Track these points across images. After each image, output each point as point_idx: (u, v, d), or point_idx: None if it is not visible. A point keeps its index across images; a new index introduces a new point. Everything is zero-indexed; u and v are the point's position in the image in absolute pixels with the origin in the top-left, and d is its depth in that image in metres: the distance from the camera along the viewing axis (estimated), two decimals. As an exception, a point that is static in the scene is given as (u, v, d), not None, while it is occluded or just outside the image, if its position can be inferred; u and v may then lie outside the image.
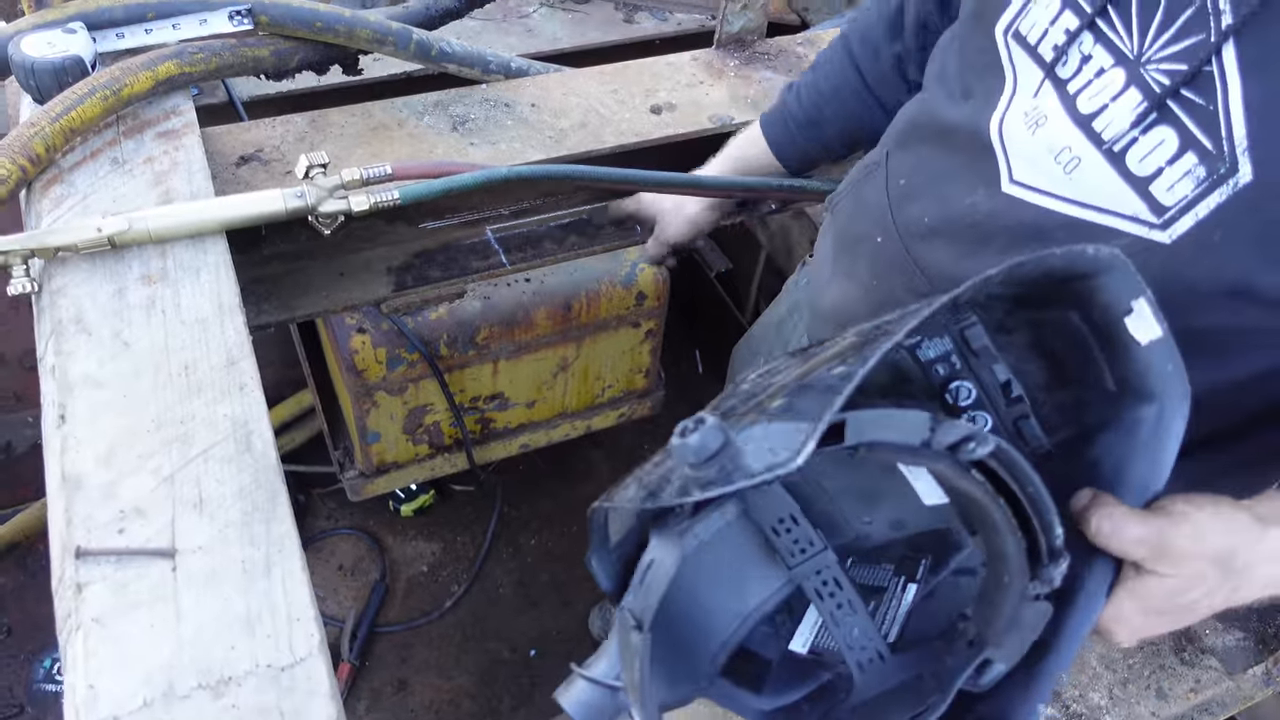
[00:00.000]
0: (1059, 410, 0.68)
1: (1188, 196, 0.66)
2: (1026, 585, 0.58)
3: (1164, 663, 0.86)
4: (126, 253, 0.90)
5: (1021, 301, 0.67)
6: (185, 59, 1.05)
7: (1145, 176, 0.68)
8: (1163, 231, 0.68)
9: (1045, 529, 0.57)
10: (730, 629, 0.70)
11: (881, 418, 0.55)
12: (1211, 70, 0.63)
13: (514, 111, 1.33)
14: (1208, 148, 0.64)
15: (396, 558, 2.25)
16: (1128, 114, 0.68)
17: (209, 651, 0.67)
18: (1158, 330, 0.61)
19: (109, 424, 0.78)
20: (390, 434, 1.82)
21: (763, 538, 0.69)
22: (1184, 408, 0.61)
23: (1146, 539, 0.60)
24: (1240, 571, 0.62)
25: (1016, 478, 0.56)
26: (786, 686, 0.69)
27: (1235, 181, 0.63)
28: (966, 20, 0.84)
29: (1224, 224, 0.65)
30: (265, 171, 1.19)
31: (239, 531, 0.74)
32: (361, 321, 1.65)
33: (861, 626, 0.68)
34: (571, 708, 0.62)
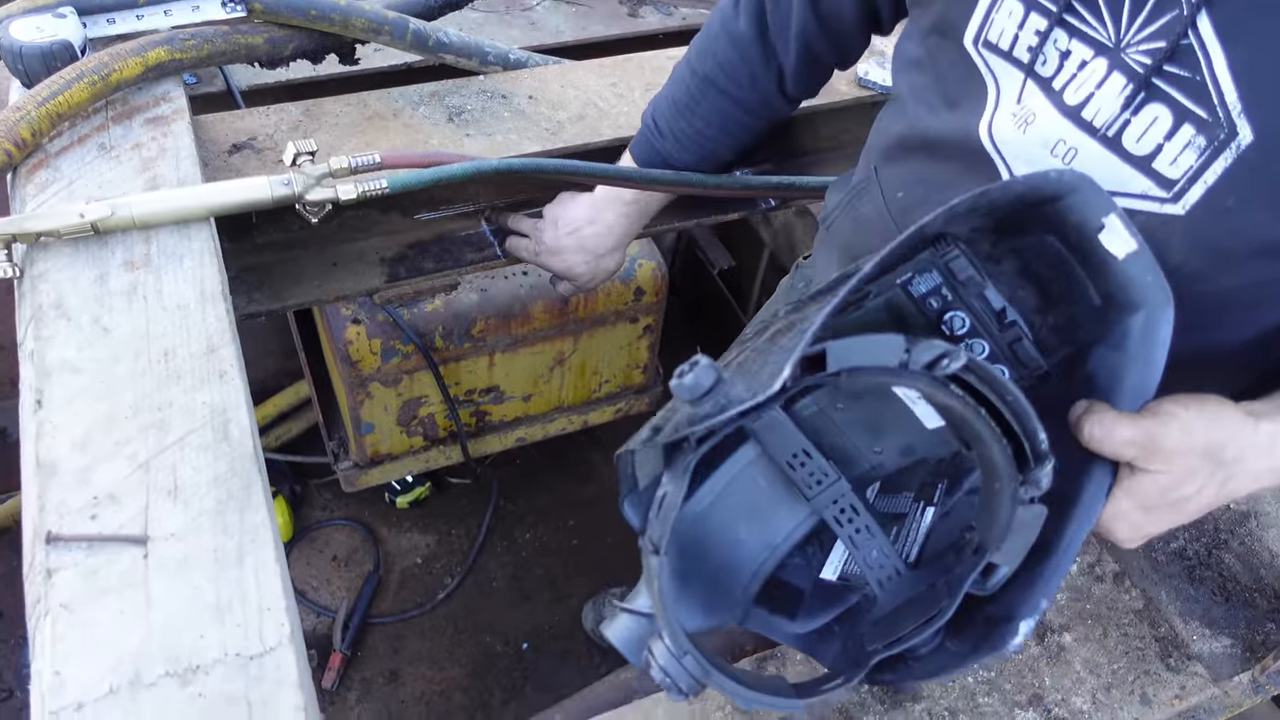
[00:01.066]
0: (1054, 331, 0.71)
1: (1193, 166, 0.66)
2: (1017, 489, 0.61)
3: (1149, 668, 0.86)
4: (110, 238, 0.90)
5: (1002, 231, 0.70)
6: (176, 45, 1.04)
7: (1146, 155, 0.68)
8: (1175, 204, 0.68)
9: (1028, 435, 0.59)
10: (760, 560, 0.74)
11: (858, 344, 0.59)
12: (1190, 42, 0.64)
13: (511, 103, 1.32)
14: (1203, 117, 0.64)
15: (391, 549, 2.24)
16: (1115, 98, 0.68)
17: (178, 639, 0.67)
18: (1132, 243, 0.64)
19: (86, 410, 0.78)
20: (384, 425, 1.82)
21: (784, 476, 0.73)
22: (1168, 313, 0.64)
23: (1136, 439, 0.62)
24: (1231, 463, 0.64)
25: (995, 389, 0.59)
26: (819, 611, 0.73)
27: (1238, 144, 0.63)
28: (925, 37, 0.84)
29: (1235, 187, 0.65)
30: (258, 160, 1.18)
31: (213, 520, 0.73)
32: (356, 312, 1.65)
33: (880, 548, 0.72)
34: (616, 639, 0.67)
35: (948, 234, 0.71)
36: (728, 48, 1.10)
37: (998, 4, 0.74)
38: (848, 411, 0.74)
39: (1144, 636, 0.88)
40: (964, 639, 0.64)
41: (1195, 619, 0.90)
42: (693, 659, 0.62)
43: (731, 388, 0.58)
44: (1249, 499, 0.99)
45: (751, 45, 1.07)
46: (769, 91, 1.11)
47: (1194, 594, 0.92)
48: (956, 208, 0.63)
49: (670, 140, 1.18)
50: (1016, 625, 0.61)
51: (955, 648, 0.65)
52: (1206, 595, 0.92)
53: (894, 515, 0.74)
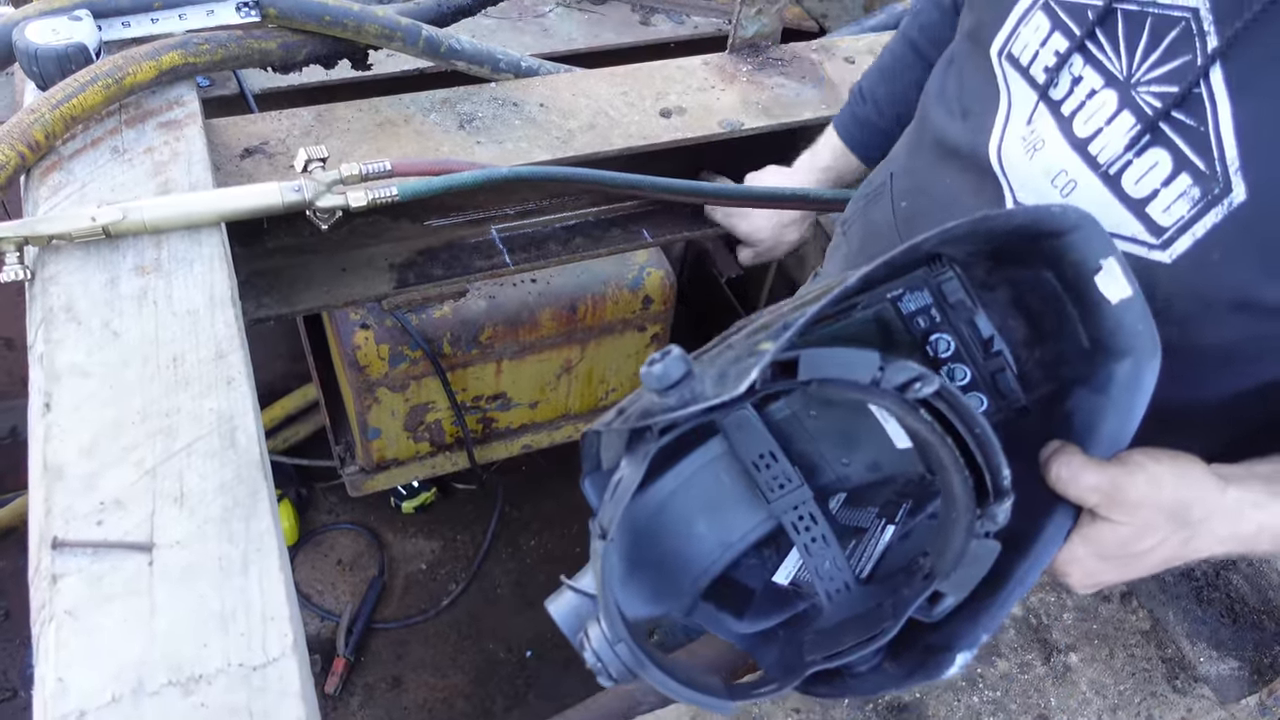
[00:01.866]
0: (1039, 366, 0.71)
1: (1184, 217, 0.66)
2: (974, 522, 0.61)
3: (1155, 690, 0.85)
4: (121, 242, 0.90)
5: (999, 259, 0.69)
6: (190, 49, 1.04)
7: (1141, 198, 0.68)
8: (1162, 251, 0.68)
9: (991, 470, 0.59)
10: (714, 556, 0.74)
11: (833, 355, 0.59)
12: (1201, 92, 0.63)
13: (522, 111, 1.32)
14: (1201, 169, 0.64)
15: (396, 554, 2.24)
16: (1122, 137, 0.68)
17: (181, 648, 0.67)
18: (1128, 289, 0.63)
19: (94, 414, 0.78)
20: (391, 431, 1.82)
21: (747, 476, 0.73)
22: (1154, 364, 0.64)
23: (1100, 486, 0.62)
24: (1195, 524, 0.64)
25: (964, 419, 0.59)
26: (766, 613, 0.72)
27: (1230, 202, 0.63)
28: (964, 40, 0.84)
29: (1222, 243, 0.65)
30: (270, 164, 1.18)
31: (218, 527, 0.73)
32: (365, 317, 1.65)
33: (833, 559, 0.72)
34: (557, 615, 0.67)
35: (944, 254, 0.71)
36: (932, 9, 1.11)
37: (1027, 17, 0.74)
38: (820, 419, 0.73)
39: (1151, 658, 0.87)
40: (902, 662, 0.65)
41: (1203, 640, 0.90)
42: (626, 647, 0.62)
43: (700, 383, 0.58)
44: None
45: (951, 9, 1.08)
46: None
47: (1202, 615, 0.91)
48: (954, 230, 0.63)
49: (871, 106, 1.19)
50: (954, 656, 0.61)
51: (892, 669, 0.65)
52: (1214, 617, 0.91)
53: (855, 529, 0.74)
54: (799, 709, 0.81)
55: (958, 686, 0.84)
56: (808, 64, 1.50)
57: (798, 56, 1.51)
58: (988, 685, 0.84)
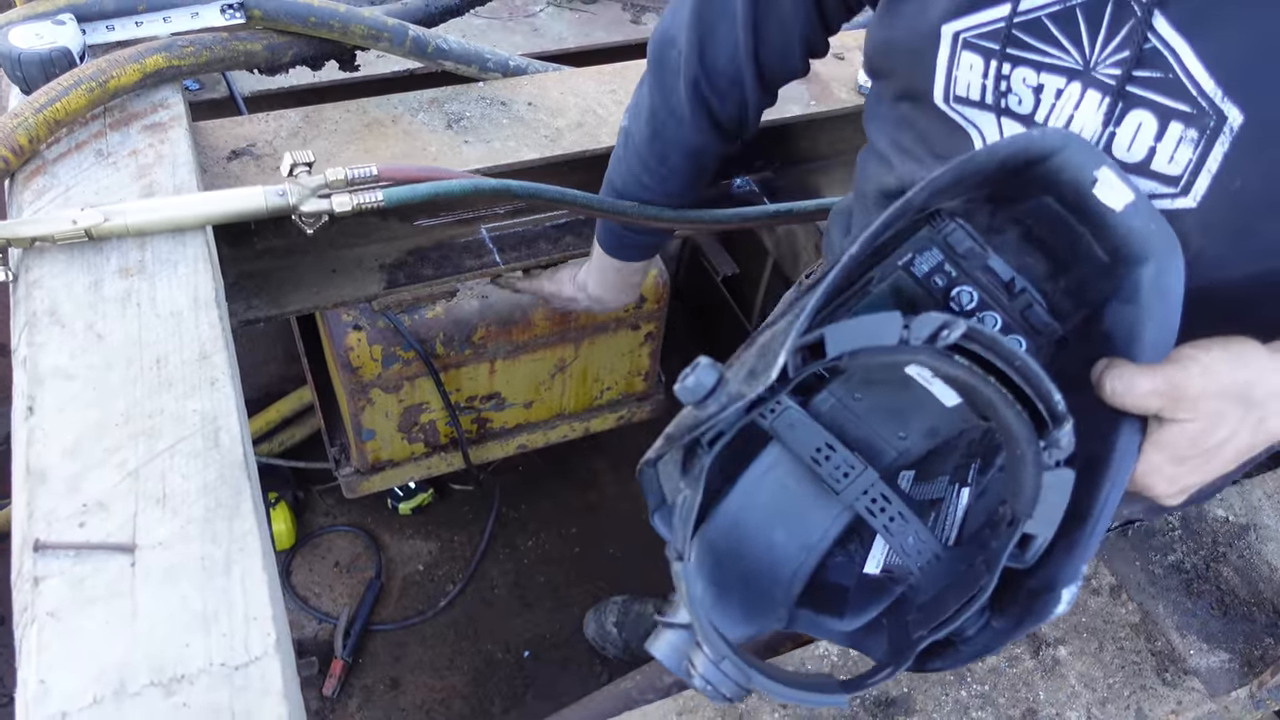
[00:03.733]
0: (1066, 295, 0.70)
1: (1193, 159, 0.66)
2: (1040, 454, 0.60)
3: (1145, 683, 0.85)
4: (105, 245, 0.90)
5: (998, 201, 0.69)
6: (174, 52, 1.04)
7: (1140, 160, 0.68)
8: (1185, 197, 0.68)
9: (1042, 397, 0.58)
10: (798, 561, 0.73)
11: (854, 325, 0.58)
12: (1154, 44, 0.64)
13: (510, 110, 1.32)
14: (1187, 111, 0.64)
15: (393, 555, 2.24)
16: (1095, 115, 0.69)
17: (163, 649, 0.67)
18: (1129, 194, 0.63)
19: (77, 417, 0.78)
20: (385, 432, 1.82)
21: (811, 474, 0.73)
22: (1177, 262, 0.63)
23: (1158, 389, 0.61)
24: (1262, 402, 0.62)
25: (1000, 355, 0.58)
26: (866, 606, 0.72)
27: (1230, 128, 0.63)
28: (896, 102, 0.85)
29: (1239, 169, 0.65)
30: (257, 166, 1.19)
31: (201, 528, 0.73)
32: (357, 318, 1.65)
33: (915, 533, 0.71)
34: (660, 654, 0.66)
35: (942, 210, 0.71)
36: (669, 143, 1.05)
37: (956, 61, 0.75)
38: (866, 400, 0.73)
39: (1140, 650, 0.87)
40: (1008, 614, 0.64)
41: (1193, 633, 0.89)
42: (731, 663, 0.62)
43: (733, 385, 0.58)
44: (1247, 510, 0.98)
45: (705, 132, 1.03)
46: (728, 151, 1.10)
47: (1192, 608, 0.91)
48: (940, 180, 0.63)
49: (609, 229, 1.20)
50: (1059, 594, 0.60)
51: (1000, 624, 0.64)
52: (1204, 609, 0.91)
53: (931, 501, 0.73)
54: (785, 705, 0.81)
55: (945, 680, 0.84)
56: (797, 60, 1.50)
57: (787, 53, 1.51)
58: (975, 679, 0.84)
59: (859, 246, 0.61)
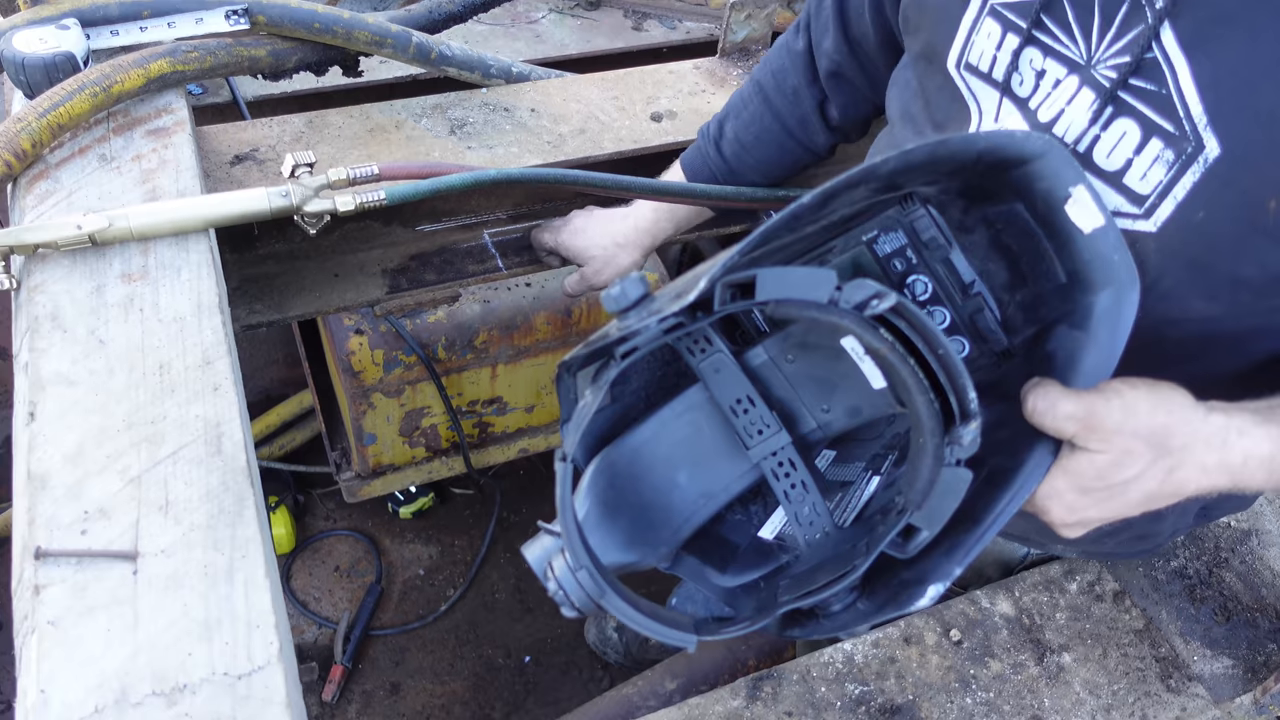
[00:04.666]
0: (1021, 309, 0.70)
1: (1163, 181, 0.65)
2: (941, 446, 0.60)
3: (1149, 689, 0.84)
4: (108, 250, 0.90)
5: (972, 198, 0.69)
6: (178, 57, 1.04)
7: (1116, 170, 0.68)
8: (1146, 220, 0.67)
9: (957, 390, 0.58)
10: (694, 506, 0.73)
11: (789, 274, 0.59)
12: (1155, 55, 0.63)
13: (513, 116, 1.32)
14: (1170, 130, 0.64)
15: (394, 560, 2.24)
16: (1084, 113, 0.68)
17: (165, 657, 0.66)
18: (1099, 218, 0.62)
19: (79, 423, 0.78)
20: (386, 436, 1.82)
21: (728, 427, 0.72)
22: (1133, 295, 0.63)
23: (1076, 415, 0.61)
24: (1177, 452, 0.62)
25: (927, 340, 0.59)
26: (750, 567, 0.72)
27: (1205, 158, 0.63)
28: (916, 63, 0.85)
29: (1204, 201, 0.64)
30: (260, 171, 1.18)
31: (204, 535, 0.73)
32: (359, 323, 1.65)
33: (813, 504, 0.71)
34: (531, 557, 0.67)
35: (916, 193, 0.70)
36: (782, 55, 1.11)
37: (978, 26, 0.74)
38: (798, 364, 0.73)
39: (1144, 657, 0.87)
40: (875, 598, 0.64)
41: (1196, 639, 0.89)
42: (588, 574, 0.61)
43: (658, 302, 0.59)
44: (1249, 516, 0.98)
45: (801, 57, 1.08)
46: (809, 110, 1.11)
47: (1195, 614, 0.91)
48: (914, 155, 0.62)
49: (712, 145, 1.18)
50: (925, 589, 0.60)
51: (865, 606, 0.64)
52: (1208, 615, 0.91)
53: (842, 483, 0.73)
54: (791, 712, 0.81)
55: (950, 688, 0.83)
56: (799, 66, 1.50)
57: (789, 58, 1.51)
58: (981, 686, 0.84)
59: (811, 196, 0.61)
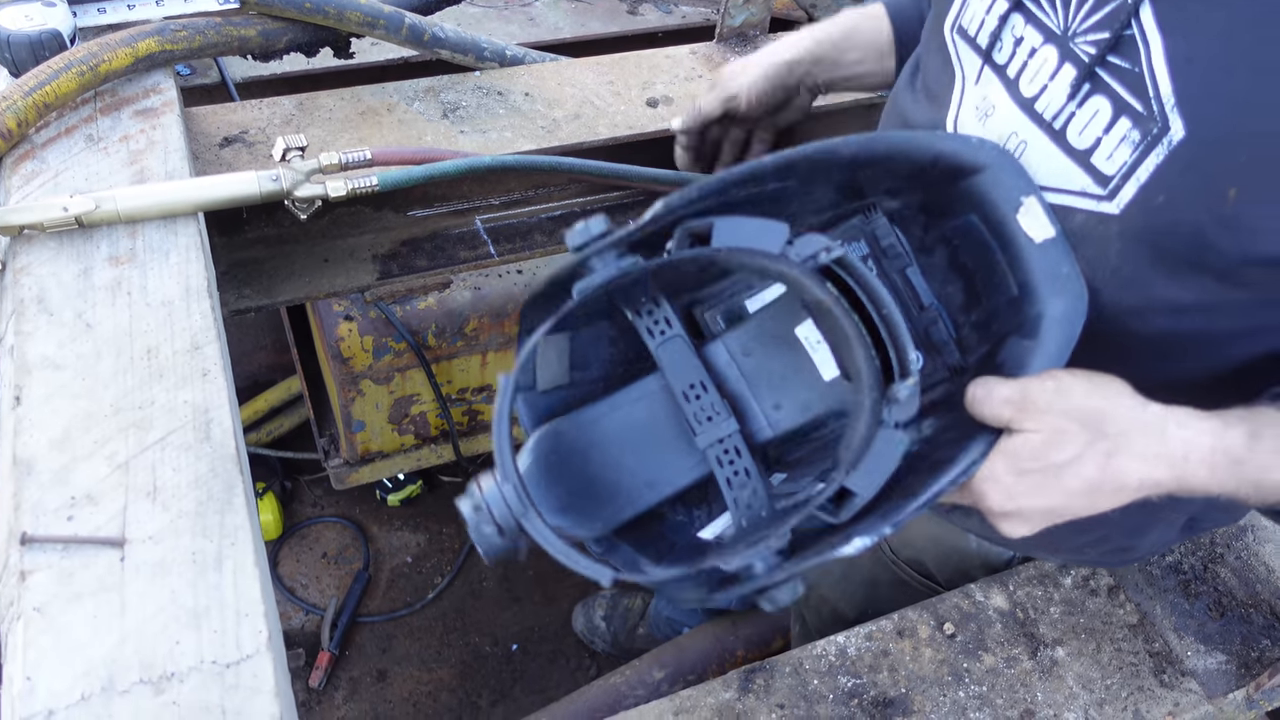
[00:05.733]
0: (975, 329, 0.72)
1: (1127, 162, 0.64)
2: (878, 403, 0.61)
3: (1142, 684, 0.84)
4: (95, 232, 0.88)
5: (931, 212, 0.71)
6: (167, 36, 1.03)
7: (1086, 149, 0.67)
8: (1110, 201, 0.66)
9: (898, 348, 0.60)
10: (637, 493, 0.73)
11: (745, 224, 0.61)
12: (1133, 33, 0.62)
13: (507, 100, 1.31)
14: (1139, 110, 0.63)
15: (381, 547, 2.23)
16: (1064, 89, 0.67)
17: (153, 645, 0.65)
18: (1050, 230, 0.65)
19: (65, 407, 0.76)
20: (375, 423, 1.80)
21: (680, 419, 0.73)
22: (1080, 307, 0.65)
23: (1011, 398, 0.62)
24: (1114, 437, 0.62)
25: (871, 297, 0.60)
26: (684, 561, 0.71)
27: (1169, 140, 0.62)
28: (930, 21, 0.83)
29: (1166, 185, 0.63)
30: (249, 153, 1.17)
31: (192, 522, 0.72)
32: (349, 309, 1.63)
33: (754, 489, 0.71)
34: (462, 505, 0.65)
35: (880, 205, 0.72)
36: None
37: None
38: (753, 360, 0.74)
39: (1138, 652, 0.87)
40: (800, 558, 0.63)
41: (1190, 634, 0.89)
42: (514, 491, 0.61)
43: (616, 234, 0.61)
44: (1247, 515, 0.98)
45: None
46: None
47: (1189, 609, 0.91)
48: (876, 143, 0.64)
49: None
50: (852, 539, 0.60)
51: (790, 564, 0.63)
52: (1202, 610, 0.91)
53: (788, 494, 0.73)
54: (783, 704, 0.80)
55: (944, 681, 0.83)
56: (795, 54, 1.49)
57: (785, 46, 1.50)
58: (974, 680, 0.84)
59: (773, 158, 0.63)
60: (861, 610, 1.17)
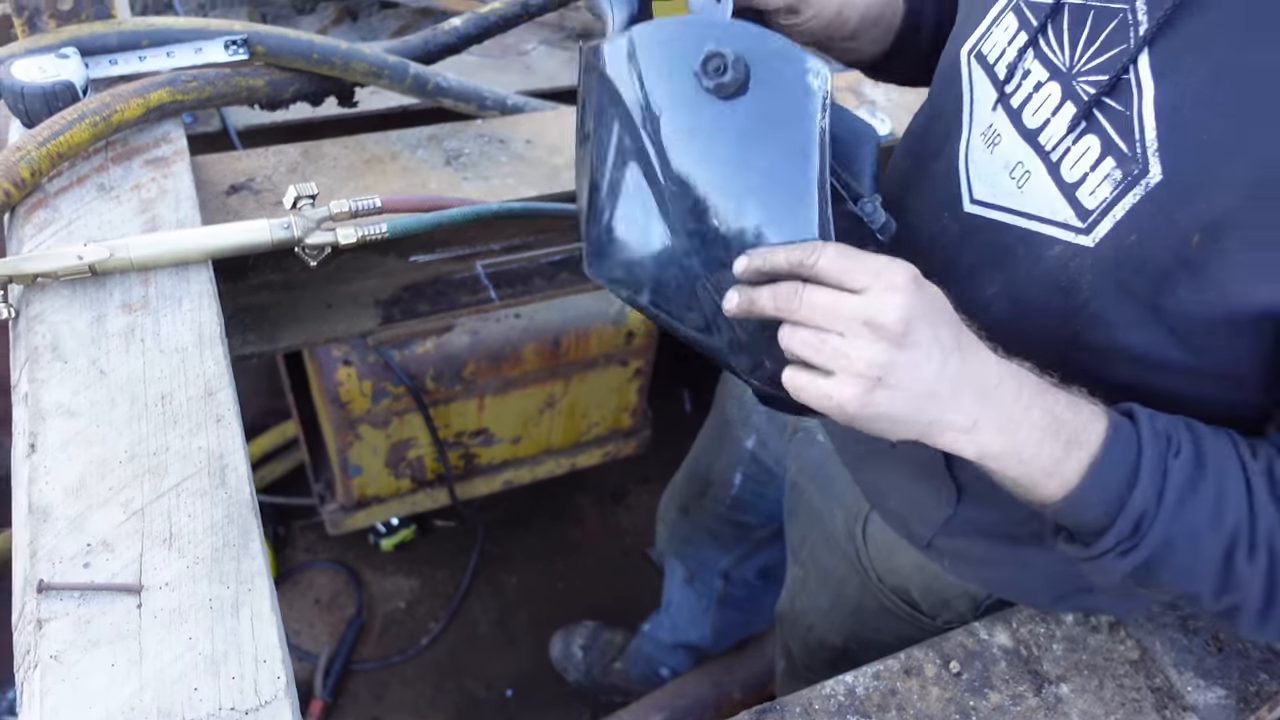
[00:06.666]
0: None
1: (1107, 199, 0.67)
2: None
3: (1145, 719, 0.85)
4: (108, 280, 0.89)
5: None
6: (178, 86, 1.04)
7: (1073, 183, 0.70)
8: (1086, 236, 0.70)
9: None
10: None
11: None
12: (1129, 78, 0.66)
13: (509, 147, 1.33)
14: (1125, 151, 0.66)
15: (374, 593, 2.21)
16: (1064, 125, 0.70)
17: (171, 693, 0.65)
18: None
19: (80, 454, 0.77)
20: (372, 467, 1.81)
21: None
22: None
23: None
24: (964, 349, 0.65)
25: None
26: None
27: (1147, 182, 0.65)
28: (948, 40, 0.87)
29: (1139, 225, 0.66)
30: (256, 201, 1.18)
31: (209, 568, 0.72)
32: (348, 353, 1.64)
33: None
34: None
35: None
36: None
37: (1000, 18, 0.77)
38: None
39: (1140, 687, 0.88)
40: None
41: (1189, 670, 0.90)
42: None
43: None
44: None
45: None
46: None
47: (1188, 644, 0.92)
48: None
49: None
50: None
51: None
52: (1200, 646, 0.92)
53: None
54: None
55: (951, 719, 0.84)
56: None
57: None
58: (981, 717, 0.84)
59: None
60: (847, 637, 1.18)
